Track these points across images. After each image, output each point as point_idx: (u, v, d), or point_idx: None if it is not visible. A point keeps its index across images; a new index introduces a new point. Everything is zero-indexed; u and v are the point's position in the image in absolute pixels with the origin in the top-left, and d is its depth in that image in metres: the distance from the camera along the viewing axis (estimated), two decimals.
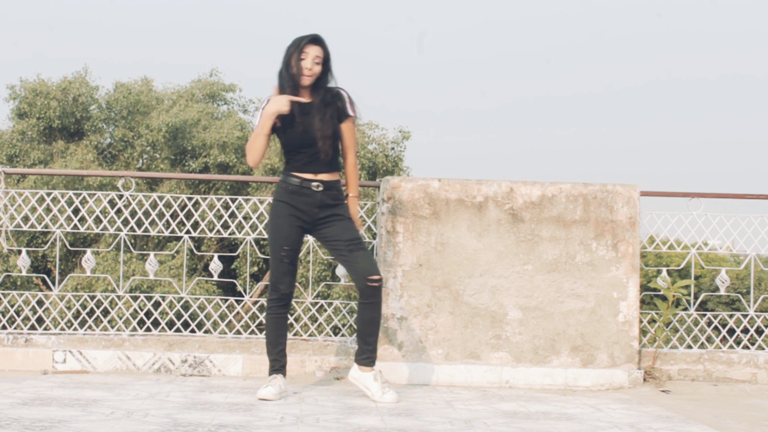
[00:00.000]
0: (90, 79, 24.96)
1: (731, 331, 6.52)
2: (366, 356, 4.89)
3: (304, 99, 4.88)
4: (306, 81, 4.84)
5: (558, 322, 5.57)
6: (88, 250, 6.13)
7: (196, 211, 6.16)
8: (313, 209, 4.86)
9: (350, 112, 4.94)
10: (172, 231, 6.26)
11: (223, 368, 5.64)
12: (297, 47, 4.83)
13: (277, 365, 4.96)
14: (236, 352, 5.70)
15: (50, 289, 13.92)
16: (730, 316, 6.32)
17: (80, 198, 6.26)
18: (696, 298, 6.32)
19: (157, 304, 7.43)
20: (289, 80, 4.85)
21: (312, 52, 4.83)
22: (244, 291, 6.60)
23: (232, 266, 21.63)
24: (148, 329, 6.05)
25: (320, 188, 4.86)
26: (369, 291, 4.82)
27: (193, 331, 6.08)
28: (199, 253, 10.58)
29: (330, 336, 5.96)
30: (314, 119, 4.85)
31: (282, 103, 4.80)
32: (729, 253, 6.49)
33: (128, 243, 6.42)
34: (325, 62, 4.89)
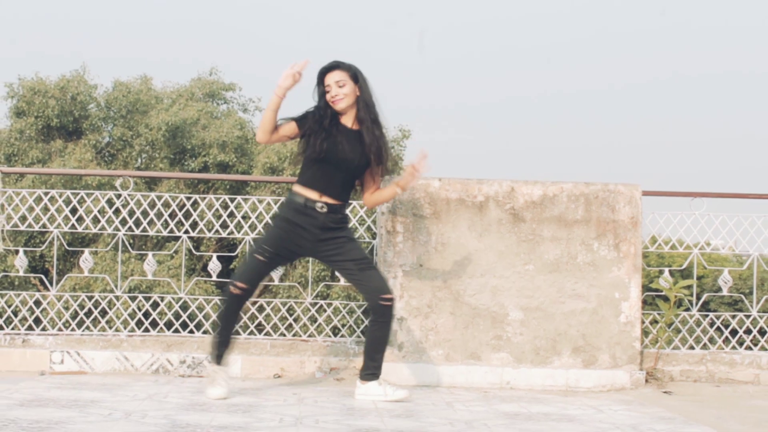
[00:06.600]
0: (88, 78, 24.90)
1: (734, 332, 6.48)
2: (371, 372, 4.88)
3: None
4: (337, 106, 4.80)
5: (559, 323, 5.53)
6: (86, 250, 6.09)
7: (194, 210, 6.13)
8: (315, 230, 4.78)
9: (386, 165, 4.88)
10: (171, 231, 6.22)
11: None
12: (319, 81, 4.83)
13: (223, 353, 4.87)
14: (235, 353, 5.66)
15: (48, 290, 13.87)
16: (733, 317, 6.29)
17: (78, 197, 6.22)
18: (698, 298, 6.29)
19: (155, 305, 7.39)
20: (324, 111, 4.81)
21: (331, 80, 4.79)
22: None
23: (231, 266, 21.54)
24: (147, 330, 6.01)
25: (324, 210, 4.78)
26: (381, 309, 4.79)
27: (191, 331, 6.05)
28: (198, 253, 10.53)
29: (330, 336, 5.93)
30: (346, 144, 4.78)
31: (285, 75, 4.69)
32: (732, 253, 6.46)
33: (126, 243, 6.38)
34: (355, 80, 4.82)
